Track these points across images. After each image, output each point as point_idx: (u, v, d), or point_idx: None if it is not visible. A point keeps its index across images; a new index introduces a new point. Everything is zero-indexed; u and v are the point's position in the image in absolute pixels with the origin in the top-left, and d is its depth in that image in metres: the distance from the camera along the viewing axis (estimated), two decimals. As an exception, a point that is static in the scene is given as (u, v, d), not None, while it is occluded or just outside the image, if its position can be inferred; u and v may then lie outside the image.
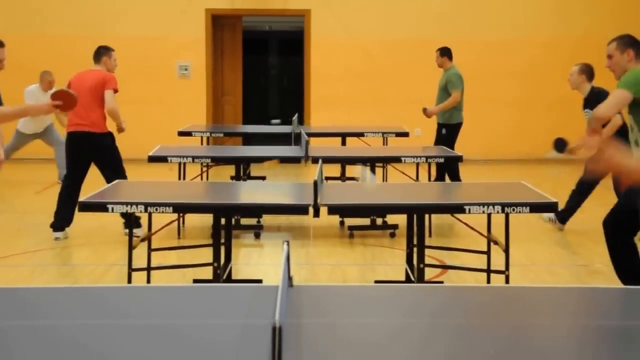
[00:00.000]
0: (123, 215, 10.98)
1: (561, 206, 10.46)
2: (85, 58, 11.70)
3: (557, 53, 19.16)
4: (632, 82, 7.24)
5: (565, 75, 11.34)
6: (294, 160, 11.55)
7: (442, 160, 11.48)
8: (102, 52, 11.31)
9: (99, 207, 7.45)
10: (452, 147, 13.48)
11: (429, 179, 11.98)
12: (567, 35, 19.14)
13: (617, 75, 7.59)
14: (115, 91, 11.14)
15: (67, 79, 11.46)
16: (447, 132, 14.00)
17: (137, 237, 10.49)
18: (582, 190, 11.74)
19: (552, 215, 11.62)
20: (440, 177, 13.51)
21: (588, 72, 11.23)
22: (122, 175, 11.00)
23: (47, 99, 10.38)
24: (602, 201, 11.31)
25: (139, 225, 10.84)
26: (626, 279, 7.85)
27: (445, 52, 14.72)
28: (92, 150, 11.16)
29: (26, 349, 3.57)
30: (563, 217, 11.73)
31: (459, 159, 11.47)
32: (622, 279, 7.88)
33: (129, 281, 7.83)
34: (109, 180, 11.08)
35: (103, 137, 11.16)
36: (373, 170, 12.37)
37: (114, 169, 11.06)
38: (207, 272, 8.15)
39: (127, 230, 11.10)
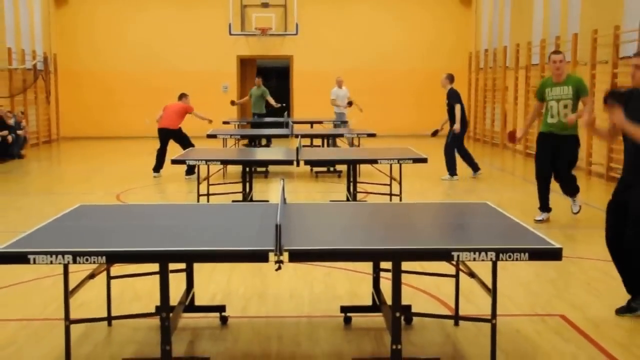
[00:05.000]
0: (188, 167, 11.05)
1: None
2: (170, 86, 11.51)
3: (430, 78, 19.11)
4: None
5: (432, 91, 11.16)
6: (285, 136, 11.50)
7: (365, 136, 11.41)
8: (182, 96, 11.73)
9: (182, 162, 7.42)
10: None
11: (358, 146, 11.90)
12: (441, 67, 19.01)
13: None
14: (192, 110, 11.57)
15: (163, 104, 11.90)
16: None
17: (192, 176, 10.76)
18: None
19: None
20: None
21: (451, 78, 10.98)
22: (189, 146, 11.03)
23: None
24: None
25: (193, 173, 10.94)
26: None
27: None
28: (172, 136, 11.36)
29: (139, 237, 3.55)
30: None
31: (373, 134, 11.37)
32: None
33: (198, 201, 7.77)
34: (184, 148, 11.07)
35: (177, 131, 11.34)
36: (329, 143, 12.33)
37: (184, 145, 11.14)
38: (239, 196, 8.12)
39: (187, 176, 11.14)
